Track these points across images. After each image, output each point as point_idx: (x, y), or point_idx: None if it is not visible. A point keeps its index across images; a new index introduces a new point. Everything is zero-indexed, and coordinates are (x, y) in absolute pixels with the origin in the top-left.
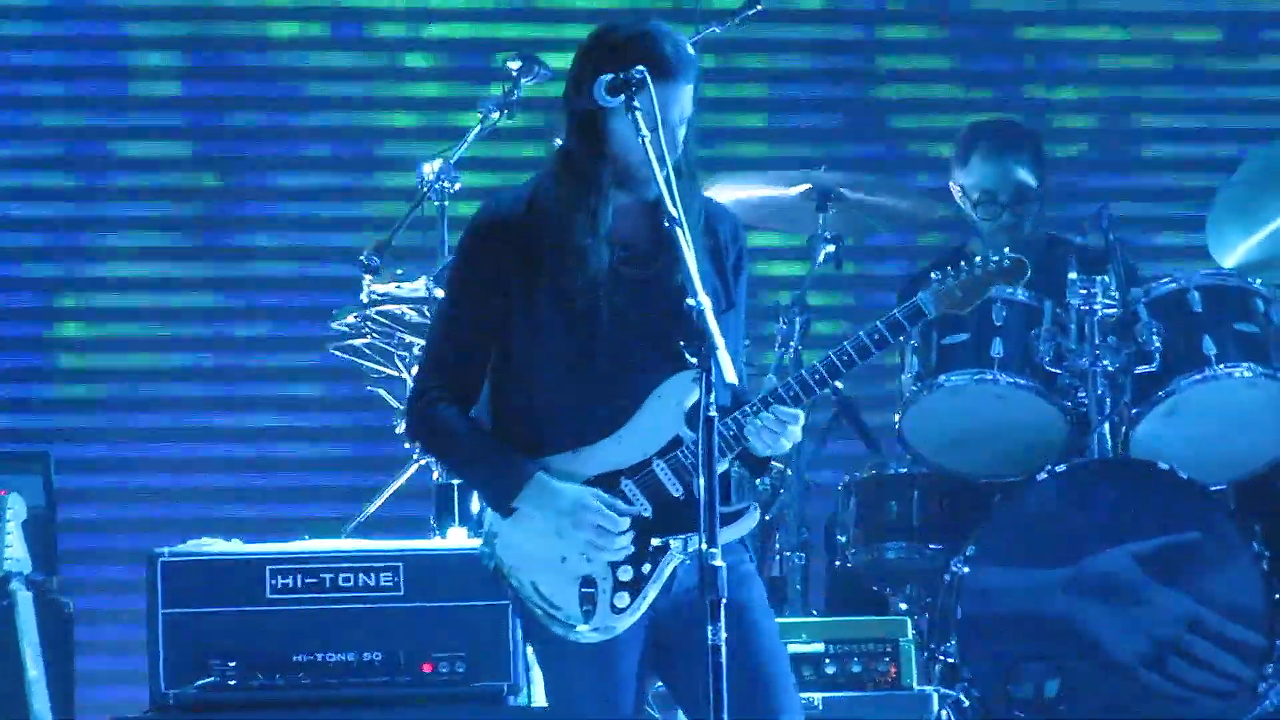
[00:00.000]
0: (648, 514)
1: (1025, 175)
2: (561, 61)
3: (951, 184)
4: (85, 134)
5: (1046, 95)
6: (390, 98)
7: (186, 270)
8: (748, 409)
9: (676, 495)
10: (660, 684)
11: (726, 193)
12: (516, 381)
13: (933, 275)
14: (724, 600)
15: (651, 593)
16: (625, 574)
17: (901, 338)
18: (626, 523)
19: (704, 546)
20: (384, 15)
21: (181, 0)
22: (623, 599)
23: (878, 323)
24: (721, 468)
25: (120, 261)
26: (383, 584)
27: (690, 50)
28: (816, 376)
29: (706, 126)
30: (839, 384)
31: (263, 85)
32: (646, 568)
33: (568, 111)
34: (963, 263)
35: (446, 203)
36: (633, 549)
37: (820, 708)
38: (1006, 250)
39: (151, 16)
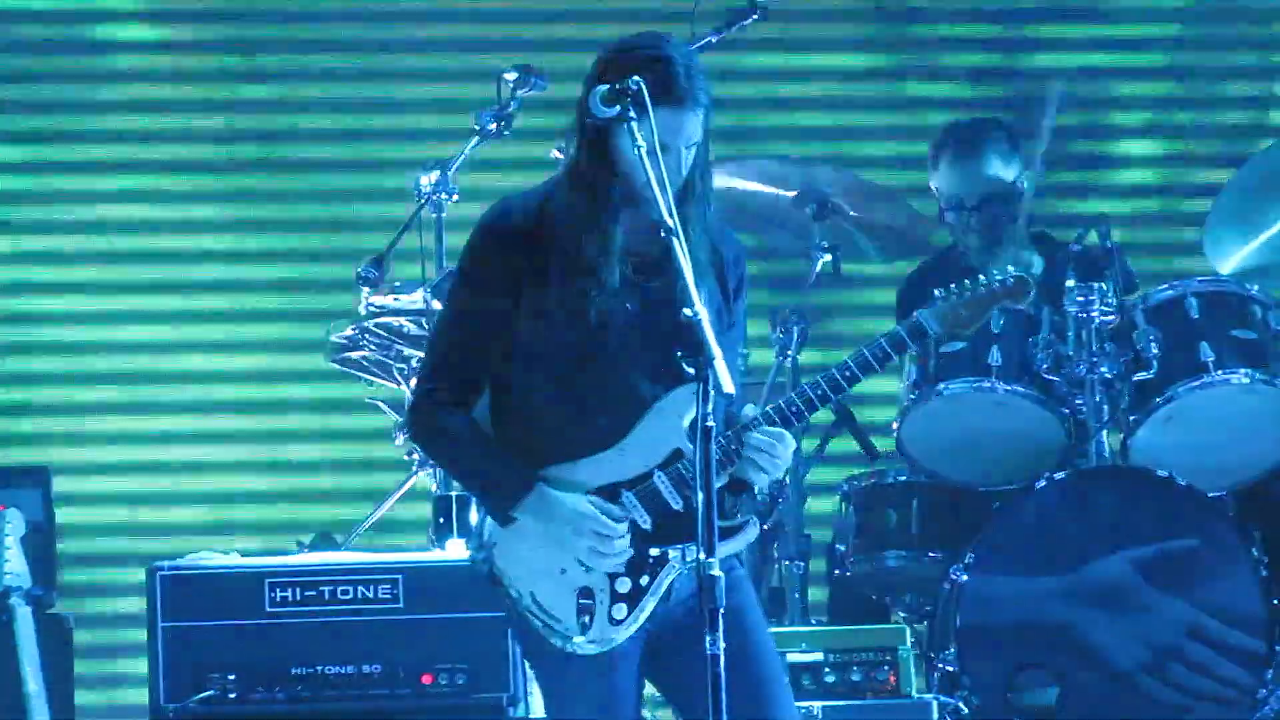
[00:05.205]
0: (647, 525)
1: (996, 175)
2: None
3: (931, 184)
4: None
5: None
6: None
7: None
8: (751, 422)
9: (676, 508)
10: (655, 691)
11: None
12: (519, 388)
13: (936, 293)
14: (722, 610)
15: (649, 605)
16: (623, 586)
17: (904, 354)
18: (624, 527)
19: (702, 556)
20: None
21: None
22: (620, 611)
23: (880, 338)
24: (721, 482)
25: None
26: (381, 596)
27: (705, 78)
28: (819, 392)
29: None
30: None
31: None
32: (645, 580)
33: (578, 124)
34: (967, 281)
35: (444, 214)
36: (632, 558)
37: (820, 716)
38: (1011, 269)
39: None
